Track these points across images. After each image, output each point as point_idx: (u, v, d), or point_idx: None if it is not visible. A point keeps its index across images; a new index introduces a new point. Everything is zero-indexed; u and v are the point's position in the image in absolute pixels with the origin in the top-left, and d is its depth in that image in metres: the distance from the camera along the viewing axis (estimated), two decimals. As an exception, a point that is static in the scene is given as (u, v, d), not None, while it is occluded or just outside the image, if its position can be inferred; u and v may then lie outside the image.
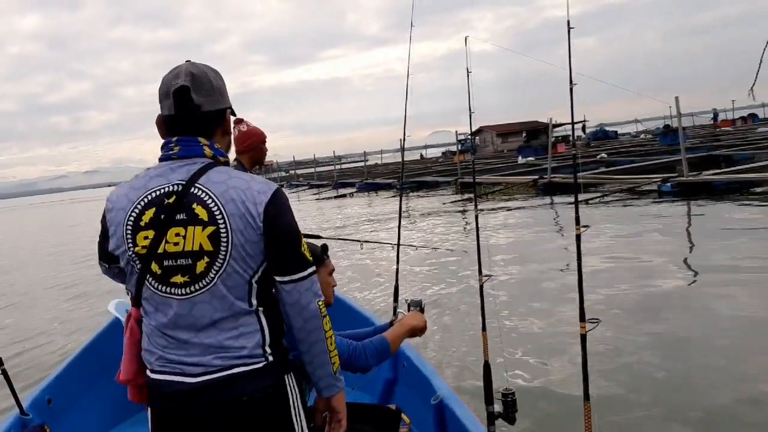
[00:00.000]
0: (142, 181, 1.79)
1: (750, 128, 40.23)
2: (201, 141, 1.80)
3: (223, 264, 1.71)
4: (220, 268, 1.71)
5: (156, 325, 1.77)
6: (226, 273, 1.71)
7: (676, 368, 4.84)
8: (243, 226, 1.71)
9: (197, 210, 1.71)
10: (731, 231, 10.04)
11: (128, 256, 1.76)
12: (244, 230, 1.71)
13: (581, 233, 2.91)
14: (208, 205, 1.71)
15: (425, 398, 3.10)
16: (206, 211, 1.71)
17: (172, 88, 1.76)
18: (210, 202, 1.72)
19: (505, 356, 4.81)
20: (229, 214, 1.71)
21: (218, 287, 1.72)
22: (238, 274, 1.73)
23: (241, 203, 1.72)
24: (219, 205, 1.71)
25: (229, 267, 1.71)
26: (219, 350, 1.72)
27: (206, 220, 1.71)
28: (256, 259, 1.74)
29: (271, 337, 1.79)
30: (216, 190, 1.73)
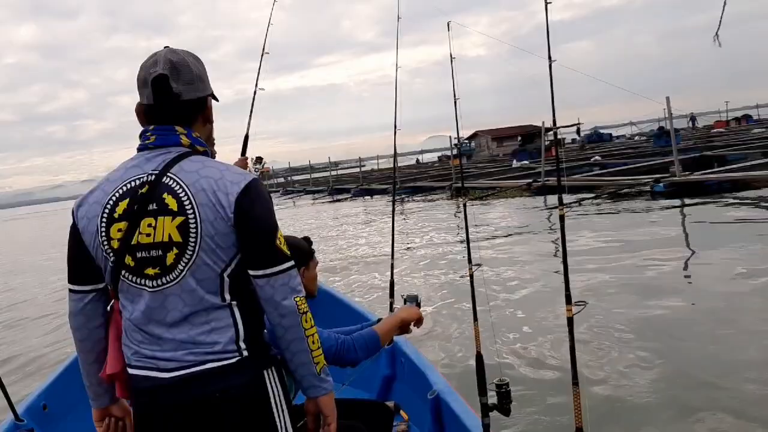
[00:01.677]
0: (118, 173, 1.76)
1: (744, 129, 40.31)
2: (178, 130, 1.76)
3: (192, 256, 1.66)
4: (189, 260, 1.66)
5: (131, 318, 1.74)
6: (195, 265, 1.67)
7: (669, 353, 4.93)
8: (213, 217, 1.66)
9: (167, 200, 1.67)
10: (720, 227, 10.10)
11: (102, 251, 1.72)
12: (214, 221, 1.66)
13: (564, 213, 2.92)
14: (178, 194, 1.67)
15: (423, 394, 3.09)
16: (176, 201, 1.67)
17: (151, 77, 1.72)
18: (180, 191, 1.67)
19: (498, 346, 4.84)
20: (199, 203, 1.66)
21: (187, 280, 1.67)
22: (208, 267, 1.68)
23: (212, 193, 1.67)
24: (189, 194, 1.67)
25: (199, 259, 1.66)
26: (191, 345, 1.68)
27: (175, 210, 1.66)
28: (228, 252, 1.69)
29: (246, 332, 1.73)
30: (187, 180, 1.68)
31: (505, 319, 6.17)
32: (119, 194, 1.71)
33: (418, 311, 2.66)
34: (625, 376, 4.60)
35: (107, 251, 1.72)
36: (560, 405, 4.19)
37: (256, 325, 1.79)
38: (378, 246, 12.70)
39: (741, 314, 5.65)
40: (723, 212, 11.83)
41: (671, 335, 5.32)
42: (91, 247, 1.75)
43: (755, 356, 4.68)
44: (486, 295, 4.68)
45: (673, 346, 5.08)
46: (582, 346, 5.17)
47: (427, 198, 23.90)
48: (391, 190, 22.67)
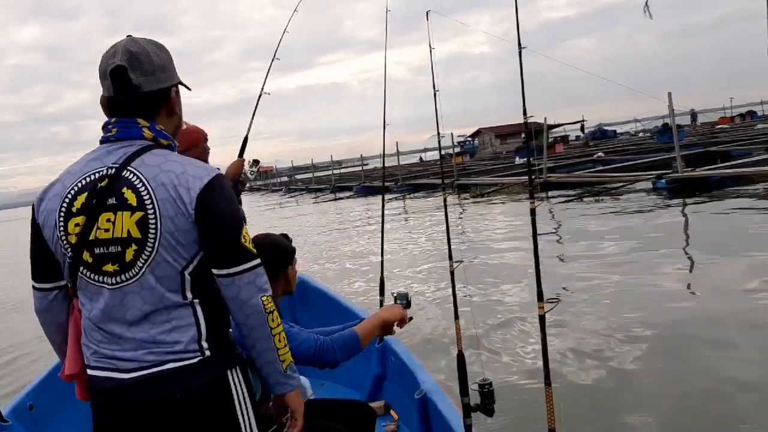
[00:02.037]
0: (78, 166, 1.70)
1: (748, 125, 40.19)
2: (140, 122, 1.69)
3: (151, 253, 1.60)
4: (148, 257, 1.60)
5: (90, 317, 1.68)
6: (155, 262, 1.60)
7: (656, 354, 4.84)
8: (173, 213, 1.60)
9: (127, 194, 1.61)
10: (719, 224, 10.00)
11: (61, 246, 1.66)
12: (174, 217, 1.60)
13: (536, 207, 2.84)
14: (138, 189, 1.61)
15: (412, 393, 3.05)
16: (135, 196, 1.60)
17: (109, 68, 1.66)
18: (140, 186, 1.61)
19: (482, 343, 4.77)
20: (159, 199, 1.60)
21: (147, 278, 1.61)
22: (168, 264, 1.62)
23: (173, 188, 1.60)
24: (149, 189, 1.60)
25: (158, 256, 1.60)
26: (152, 345, 1.62)
27: (135, 205, 1.60)
28: (189, 249, 1.63)
29: (209, 332, 1.68)
30: (148, 174, 1.62)
31: (489, 316, 6.09)
32: (78, 188, 1.65)
33: (401, 311, 2.58)
34: (606, 376, 4.53)
35: (65, 247, 1.66)
36: (541, 405, 4.12)
37: (220, 324, 1.73)
38: (373, 243, 12.63)
39: (738, 319, 5.54)
40: (723, 208, 11.72)
41: (660, 336, 5.20)
42: (51, 242, 1.69)
43: (748, 364, 4.58)
44: (468, 293, 4.61)
45: (662, 348, 4.96)
46: (564, 343, 5.15)
47: (429, 195, 23.86)
48: (393, 188, 22.84)
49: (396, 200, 23.39)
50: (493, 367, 4.85)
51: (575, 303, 6.12)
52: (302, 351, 2.26)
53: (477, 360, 4.17)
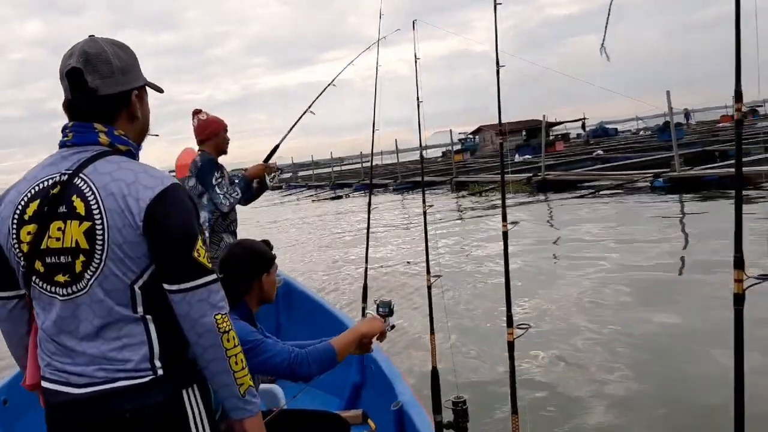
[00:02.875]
0: (34, 172, 1.65)
1: (750, 123, 40.05)
2: (97, 127, 1.63)
3: (99, 265, 1.54)
4: (96, 269, 1.55)
5: (43, 327, 1.64)
6: (102, 275, 1.55)
7: (637, 374, 4.69)
8: (121, 224, 1.53)
9: (76, 203, 1.55)
10: (713, 225, 9.94)
11: (14, 255, 1.62)
12: (122, 228, 1.53)
13: (508, 230, 2.81)
14: (87, 198, 1.55)
15: (389, 403, 3.01)
16: (84, 205, 1.54)
17: (65, 70, 1.61)
18: (89, 194, 1.55)
19: (456, 360, 4.65)
20: (107, 209, 1.53)
21: (95, 290, 1.56)
22: (117, 278, 1.56)
23: (122, 198, 1.54)
24: (98, 198, 1.54)
25: (106, 268, 1.55)
26: (103, 361, 1.58)
27: (83, 215, 1.54)
28: (139, 263, 1.57)
29: (163, 349, 1.61)
30: (98, 182, 1.56)
31: (467, 332, 5.94)
32: (31, 194, 1.61)
33: (381, 325, 2.51)
34: (580, 401, 4.39)
35: (18, 255, 1.61)
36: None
37: (176, 341, 1.65)
38: (373, 242, 12.60)
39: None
40: (718, 208, 11.68)
41: (646, 354, 5.05)
42: (6, 249, 1.64)
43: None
44: (445, 307, 4.54)
45: (644, 369, 4.79)
46: (539, 359, 5.01)
47: (428, 192, 23.75)
48: (393, 186, 22.73)
49: (395, 199, 23.34)
50: (468, 384, 4.69)
51: (553, 321, 6.01)
52: (275, 363, 2.22)
53: (452, 376, 4.07)
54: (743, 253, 1.71)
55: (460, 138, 58.97)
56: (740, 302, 1.74)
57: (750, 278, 1.67)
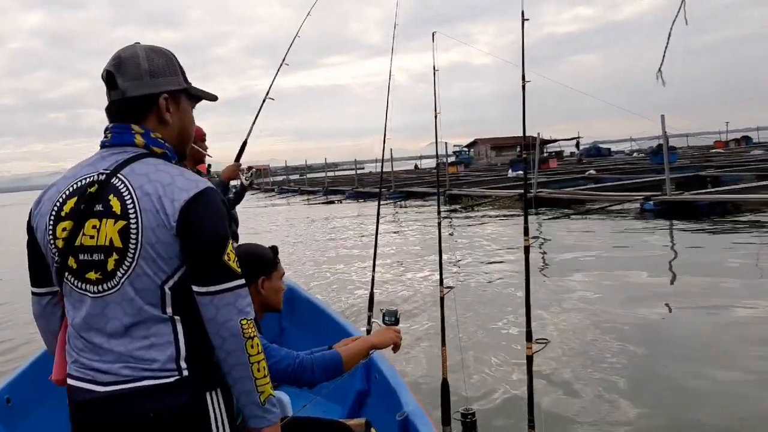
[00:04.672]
0: (74, 170, 1.70)
1: (743, 150, 40.45)
2: (134, 129, 1.67)
3: (131, 264, 1.56)
4: (128, 267, 1.56)
5: (73, 324, 1.66)
6: (134, 274, 1.56)
7: (642, 392, 4.67)
8: (155, 224, 1.55)
9: (112, 201, 1.58)
10: (704, 251, 10.00)
11: (50, 251, 1.65)
12: (156, 228, 1.55)
13: (530, 245, 2.82)
14: (124, 197, 1.58)
15: (394, 413, 2.97)
16: (120, 204, 1.57)
17: (102, 74, 1.69)
18: (126, 194, 1.58)
19: (468, 371, 4.62)
20: (142, 209, 1.56)
21: (126, 289, 1.57)
22: (148, 277, 1.57)
23: (157, 199, 1.56)
24: (134, 198, 1.57)
25: (138, 268, 1.56)
26: (130, 360, 1.59)
27: (118, 214, 1.57)
28: (171, 263, 1.58)
29: (189, 351, 1.62)
30: (135, 183, 1.59)
31: (478, 344, 5.92)
32: (69, 192, 1.64)
33: (394, 337, 2.47)
34: (595, 415, 4.36)
35: (53, 251, 1.65)
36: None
37: (202, 344, 1.64)
38: (361, 253, 12.58)
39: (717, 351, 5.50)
40: (708, 235, 11.75)
41: (647, 372, 5.05)
42: (42, 246, 1.69)
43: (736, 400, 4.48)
44: (456, 319, 4.50)
45: (649, 387, 4.78)
46: (548, 379, 4.95)
47: (421, 203, 23.83)
48: (386, 195, 22.69)
49: (388, 207, 23.36)
50: (478, 397, 4.69)
51: (558, 337, 5.97)
52: (280, 369, 2.20)
53: (461, 388, 4.02)
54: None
55: (454, 150, 59.33)
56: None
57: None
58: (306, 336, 4.31)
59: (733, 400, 4.41)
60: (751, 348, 5.40)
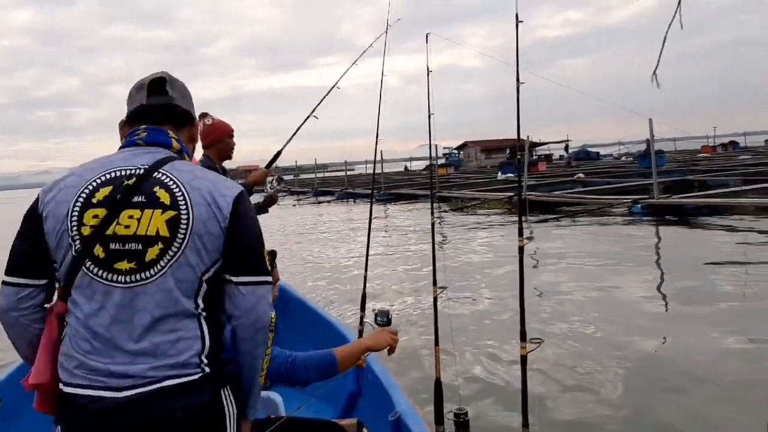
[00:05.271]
0: (98, 163, 1.70)
1: (730, 155, 40.73)
2: (171, 134, 1.77)
3: (177, 253, 1.59)
4: (173, 256, 1.59)
5: (85, 319, 1.58)
6: (177, 264, 1.59)
7: (634, 394, 4.69)
8: (207, 216, 1.63)
9: (159, 193, 1.62)
10: (692, 254, 10.10)
11: (69, 237, 1.60)
12: (207, 221, 1.62)
13: (524, 245, 2.84)
14: (173, 190, 1.63)
15: (387, 413, 2.98)
16: (169, 195, 1.62)
17: (148, 80, 1.78)
18: (174, 187, 1.64)
19: (458, 369, 4.61)
20: (194, 202, 1.63)
21: (167, 278, 1.59)
22: (191, 267, 1.61)
23: (209, 194, 1.65)
24: (184, 191, 1.64)
25: (183, 257, 1.60)
26: (152, 358, 1.56)
27: (168, 204, 1.61)
28: (212, 255, 1.63)
29: (211, 347, 1.64)
30: (182, 178, 1.66)
31: (470, 344, 5.94)
32: (101, 180, 1.64)
33: (390, 339, 2.46)
34: (589, 415, 4.39)
35: (74, 237, 1.60)
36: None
37: (219, 341, 1.70)
38: (352, 253, 12.61)
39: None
40: (695, 237, 11.85)
41: (641, 373, 5.07)
42: (53, 233, 1.62)
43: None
44: (450, 319, 4.50)
45: (643, 387, 4.80)
46: (542, 379, 4.97)
47: (410, 205, 23.85)
48: (376, 196, 22.60)
49: (377, 208, 23.37)
50: (471, 396, 4.67)
51: (550, 337, 5.97)
52: (273, 367, 2.19)
53: (454, 387, 4.02)
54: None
55: (444, 152, 59.37)
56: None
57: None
58: (298, 337, 4.32)
59: (727, 402, 4.44)
60: (745, 351, 5.45)
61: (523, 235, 2.84)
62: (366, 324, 3.47)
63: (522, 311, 2.70)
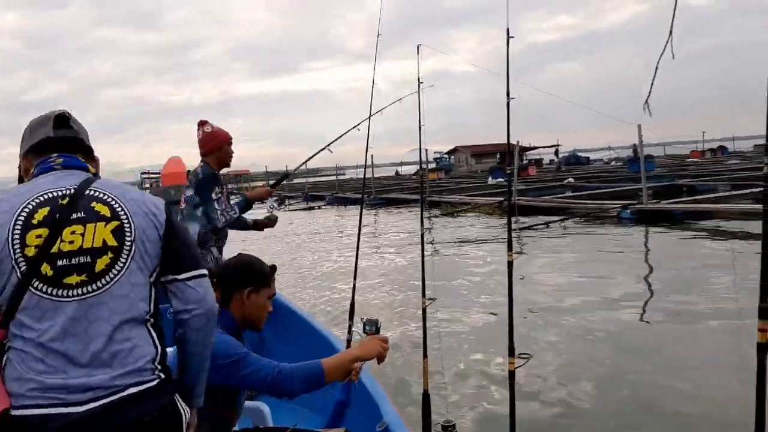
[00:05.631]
0: (24, 189, 1.72)
1: (718, 160, 41.01)
2: (82, 159, 1.84)
3: (127, 259, 1.68)
4: (124, 264, 1.68)
5: (37, 338, 1.57)
6: (129, 270, 1.68)
7: (620, 405, 4.71)
8: (146, 225, 1.74)
9: (97, 207, 1.70)
10: (681, 260, 10.14)
11: (11, 260, 1.58)
12: (146, 229, 1.73)
13: (513, 259, 2.82)
14: (109, 203, 1.72)
15: (374, 424, 2.97)
16: (108, 208, 1.71)
17: (52, 115, 1.85)
18: (111, 200, 1.73)
19: (446, 381, 4.58)
20: (131, 212, 1.73)
21: (122, 285, 1.66)
22: (141, 272, 1.71)
23: (142, 203, 1.77)
24: (120, 203, 1.73)
25: (133, 263, 1.69)
26: (109, 368, 1.58)
27: (109, 216, 1.69)
28: (154, 261, 1.74)
29: (162, 353, 1.71)
30: (114, 192, 1.76)
31: (456, 356, 5.90)
32: (36, 203, 1.67)
33: (379, 349, 2.39)
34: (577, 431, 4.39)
35: (17, 260, 1.59)
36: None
37: (164, 346, 1.76)
38: (342, 260, 12.57)
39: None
40: (684, 244, 11.90)
41: (633, 387, 5.05)
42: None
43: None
44: (439, 330, 4.46)
45: (634, 402, 4.79)
46: (530, 394, 4.94)
47: (401, 210, 23.85)
48: (367, 201, 22.57)
49: (368, 213, 23.36)
50: (459, 409, 4.66)
51: (539, 352, 5.97)
52: (259, 378, 2.16)
53: (442, 399, 3.99)
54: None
55: (435, 157, 59.52)
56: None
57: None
58: (286, 346, 4.29)
59: (719, 417, 4.41)
60: (735, 358, 5.45)
61: (512, 249, 2.81)
62: (354, 333, 3.45)
63: (510, 327, 2.68)
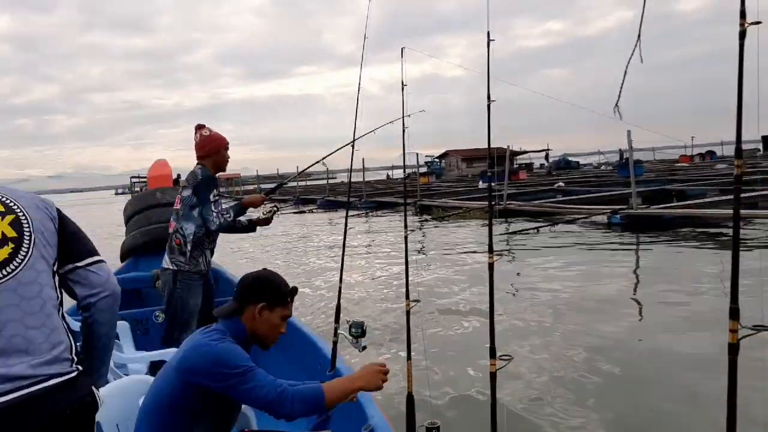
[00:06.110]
0: None
1: (707, 165, 41.27)
2: None
3: (29, 248, 1.72)
4: (27, 251, 1.71)
5: None
6: (33, 257, 1.72)
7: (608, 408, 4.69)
8: (41, 217, 1.80)
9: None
10: (670, 266, 10.18)
11: None
12: (42, 220, 1.80)
13: (494, 261, 2.82)
14: (2, 200, 1.77)
15: (359, 426, 2.96)
16: (2, 205, 1.76)
17: None
18: (3, 198, 1.78)
19: (431, 384, 4.56)
20: (24, 206, 1.79)
21: (27, 271, 1.69)
22: (44, 260, 1.75)
23: (32, 199, 1.84)
24: (12, 199, 1.79)
25: (36, 251, 1.73)
26: (25, 355, 1.58)
27: (3, 211, 1.74)
28: (54, 251, 1.80)
29: (75, 342, 1.75)
30: (4, 191, 1.81)
31: (442, 358, 5.90)
32: None
33: (382, 377, 2.35)
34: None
35: None
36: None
37: (75, 338, 1.79)
38: (329, 263, 12.54)
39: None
40: (673, 249, 11.94)
41: (613, 389, 5.07)
42: None
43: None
44: (422, 332, 4.45)
45: (614, 403, 4.80)
46: (512, 394, 4.94)
47: (392, 213, 23.84)
48: (358, 204, 22.63)
49: (359, 216, 23.36)
50: (443, 410, 4.66)
51: (524, 353, 5.97)
52: (260, 395, 2.10)
53: (426, 401, 3.97)
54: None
55: (426, 161, 59.65)
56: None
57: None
58: (274, 350, 4.28)
59: (701, 417, 4.41)
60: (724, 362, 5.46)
61: (493, 251, 2.82)
62: (340, 335, 3.44)
63: (492, 328, 2.69)
